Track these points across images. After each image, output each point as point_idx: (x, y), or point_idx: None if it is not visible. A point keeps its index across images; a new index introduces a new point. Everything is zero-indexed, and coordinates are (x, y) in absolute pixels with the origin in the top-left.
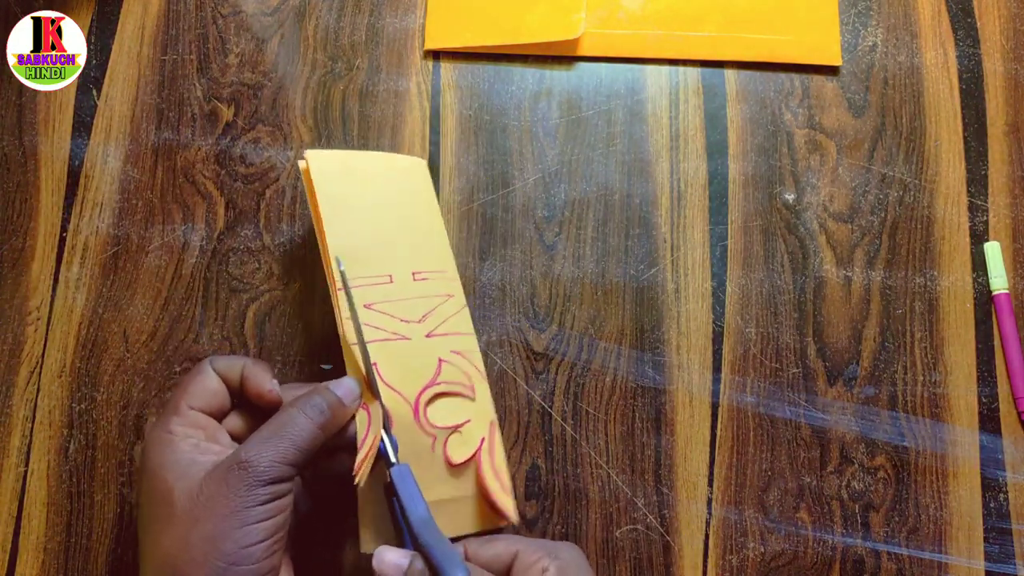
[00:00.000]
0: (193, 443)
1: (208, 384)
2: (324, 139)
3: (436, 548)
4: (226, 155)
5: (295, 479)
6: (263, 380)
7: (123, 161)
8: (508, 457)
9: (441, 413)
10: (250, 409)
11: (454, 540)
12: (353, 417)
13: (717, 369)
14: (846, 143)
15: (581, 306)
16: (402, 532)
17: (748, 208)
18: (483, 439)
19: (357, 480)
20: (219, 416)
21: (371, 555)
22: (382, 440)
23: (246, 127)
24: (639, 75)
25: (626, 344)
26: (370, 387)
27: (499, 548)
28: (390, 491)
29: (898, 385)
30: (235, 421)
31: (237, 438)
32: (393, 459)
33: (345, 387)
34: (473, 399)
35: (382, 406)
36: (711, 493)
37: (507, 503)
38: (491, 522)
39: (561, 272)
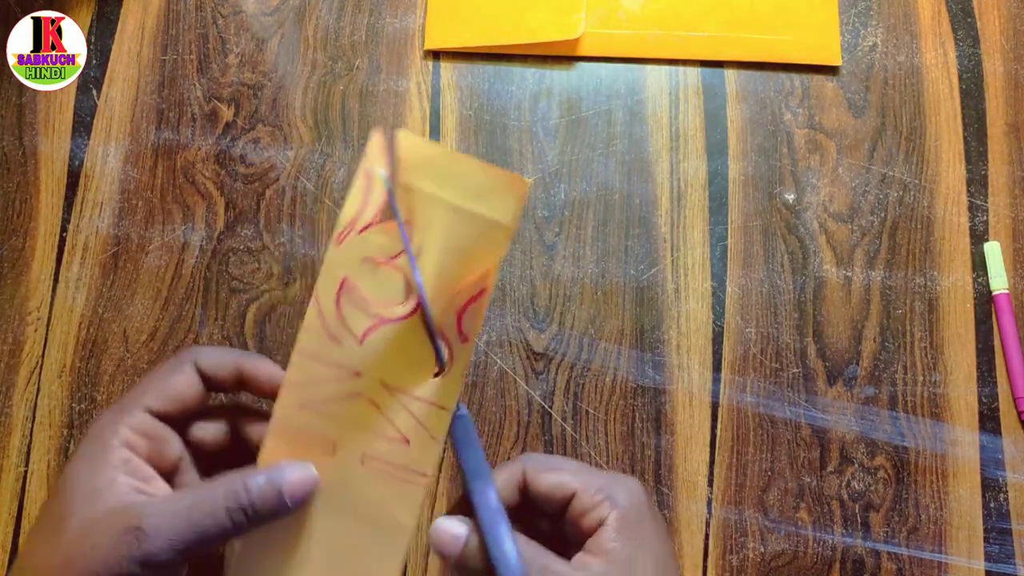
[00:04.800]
0: (125, 458)
1: (177, 383)
2: (324, 139)
3: (495, 544)
4: (226, 155)
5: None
6: (276, 376)
7: (123, 161)
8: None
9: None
10: (227, 414)
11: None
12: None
13: (717, 369)
14: (846, 143)
15: (581, 306)
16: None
17: (748, 208)
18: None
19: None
20: (181, 420)
21: None
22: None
23: (246, 127)
24: (639, 75)
25: (626, 344)
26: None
27: (557, 481)
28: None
29: (898, 385)
30: (207, 428)
31: (202, 447)
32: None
33: (293, 478)
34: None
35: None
36: (711, 493)
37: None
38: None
39: (561, 272)
